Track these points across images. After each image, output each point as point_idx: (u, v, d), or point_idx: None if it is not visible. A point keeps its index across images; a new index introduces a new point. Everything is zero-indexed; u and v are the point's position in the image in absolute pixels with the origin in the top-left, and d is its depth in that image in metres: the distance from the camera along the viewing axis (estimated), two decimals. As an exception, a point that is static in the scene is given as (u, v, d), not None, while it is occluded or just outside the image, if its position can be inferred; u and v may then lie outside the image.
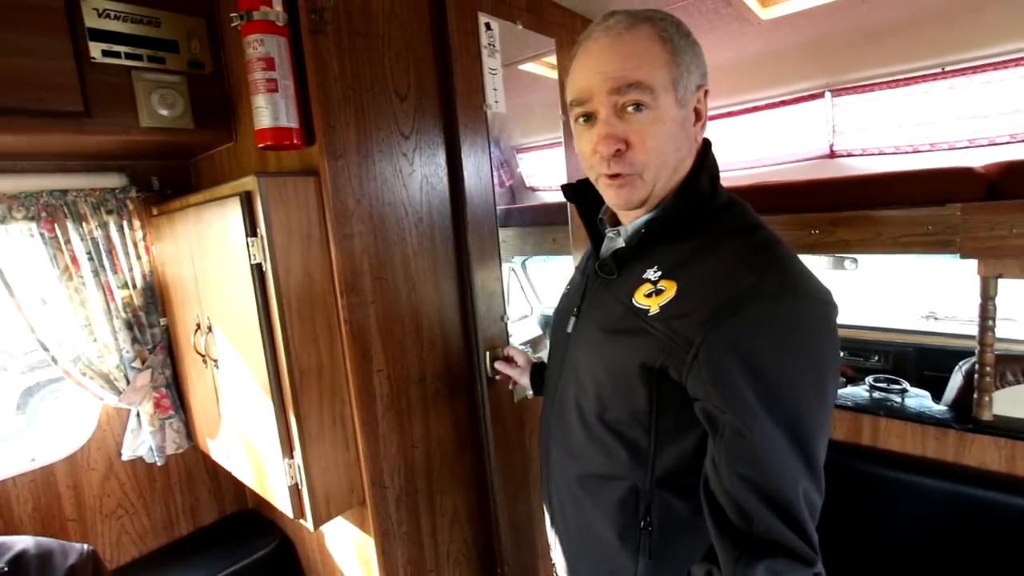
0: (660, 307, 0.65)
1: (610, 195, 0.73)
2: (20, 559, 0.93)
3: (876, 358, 2.79)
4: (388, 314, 1.18)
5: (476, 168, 1.35)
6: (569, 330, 0.81)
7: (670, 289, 0.66)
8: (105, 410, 1.46)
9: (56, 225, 1.31)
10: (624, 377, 0.69)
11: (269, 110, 0.99)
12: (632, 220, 0.76)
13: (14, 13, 0.98)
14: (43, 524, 1.37)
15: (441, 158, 1.30)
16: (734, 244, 0.65)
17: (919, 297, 3.24)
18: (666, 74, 0.65)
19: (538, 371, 1.21)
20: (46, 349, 1.31)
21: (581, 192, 0.83)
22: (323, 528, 1.39)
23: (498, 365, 1.33)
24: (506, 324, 1.46)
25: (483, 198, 1.37)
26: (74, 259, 1.34)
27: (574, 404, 0.78)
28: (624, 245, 0.75)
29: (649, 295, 0.67)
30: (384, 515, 1.20)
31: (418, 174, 1.25)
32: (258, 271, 1.01)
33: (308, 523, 1.08)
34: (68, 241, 1.33)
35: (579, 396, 0.77)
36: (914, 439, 1.61)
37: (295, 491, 1.08)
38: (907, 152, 2.96)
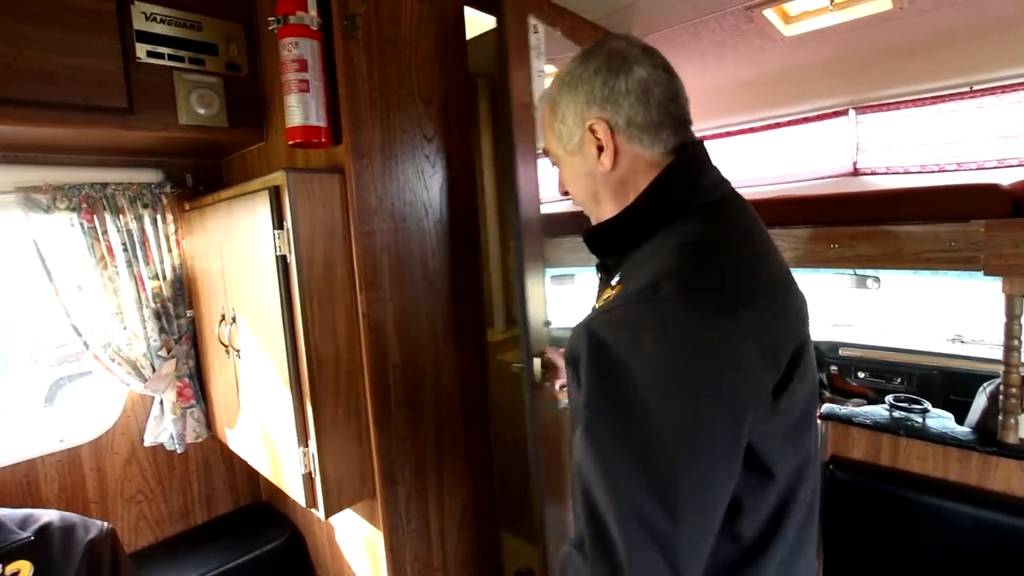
0: (602, 303, 0.68)
1: None
2: (45, 530, 0.98)
3: (899, 380, 2.73)
4: (405, 311, 1.21)
5: (526, 173, 1.29)
6: None
7: (617, 291, 0.66)
8: (131, 396, 1.51)
9: (95, 216, 1.38)
10: (573, 375, 0.67)
11: (300, 109, 1.03)
12: None
13: (69, 15, 1.05)
14: (67, 503, 1.42)
15: (461, 160, 1.33)
16: (663, 249, 0.65)
17: (945, 319, 3.16)
18: (551, 136, 0.75)
19: None
20: (79, 334, 1.37)
21: None
22: (333, 522, 1.41)
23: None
24: (549, 330, 1.42)
25: (532, 203, 1.32)
26: (110, 249, 1.40)
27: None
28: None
29: (604, 298, 0.68)
30: (394, 510, 1.21)
31: (439, 176, 1.29)
32: (282, 263, 1.05)
33: (320, 512, 1.11)
34: (105, 232, 1.40)
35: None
36: (936, 461, 1.56)
37: (308, 480, 1.11)
38: (933, 171, 2.92)
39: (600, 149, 0.70)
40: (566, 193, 0.79)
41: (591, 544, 0.57)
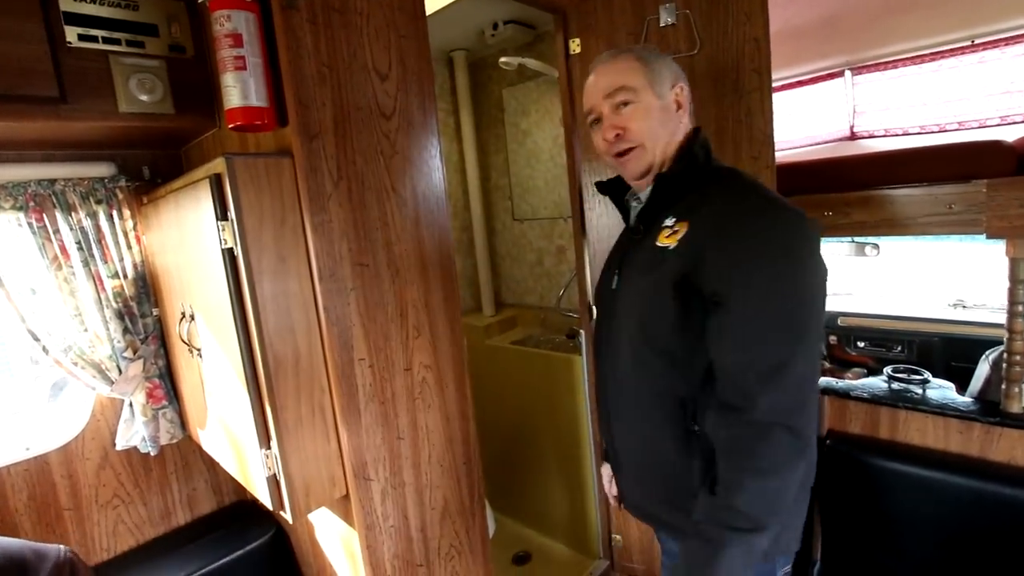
0: (678, 240, 0.86)
1: (624, 170, 0.98)
2: None
3: (899, 348, 2.66)
4: (370, 301, 1.14)
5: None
6: (614, 287, 1.00)
7: (683, 228, 0.86)
8: (99, 400, 1.46)
9: (45, 215, 1.30)
10: (659, 297, 0.86)
11: (238, 89, 0.95)
12: (645, 187, 0.98)
13: (-18, -4, 0.96)
14: (38, 513, 1.38)
15: (426, 139, 1.26)
16: (728, 191, 0.87)
17: (946, 285, 3.08)
18: (642, 77, 0.92)
19: None
20: (36, 339, 1.31)
21: (610, 188, 1.10)
22: (313, 520, 1.37)
23: None
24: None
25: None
26: (63, 249, 1.33)
27: (626, 343, 0.95)
28: (644, 205, 0.97)
29: (668, 236, 0.88)
30: (368, 508, 1.17)
31: (401, 156, 1.21)
32: (229, 256, 0.98)
33: (287, 515, 1.06)
34: (57, 231, 1.33)
35: (628, 334, 0.94)
36: (936, 433, 1.51)
37: (273, 482, 1.06)
38: (933, 132, 2.81)
39: (678, 106, 0.94)
40: (616, 136, 0.94)
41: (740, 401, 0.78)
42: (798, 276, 0.78)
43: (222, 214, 0.97)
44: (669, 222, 0.90)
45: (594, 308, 1.16)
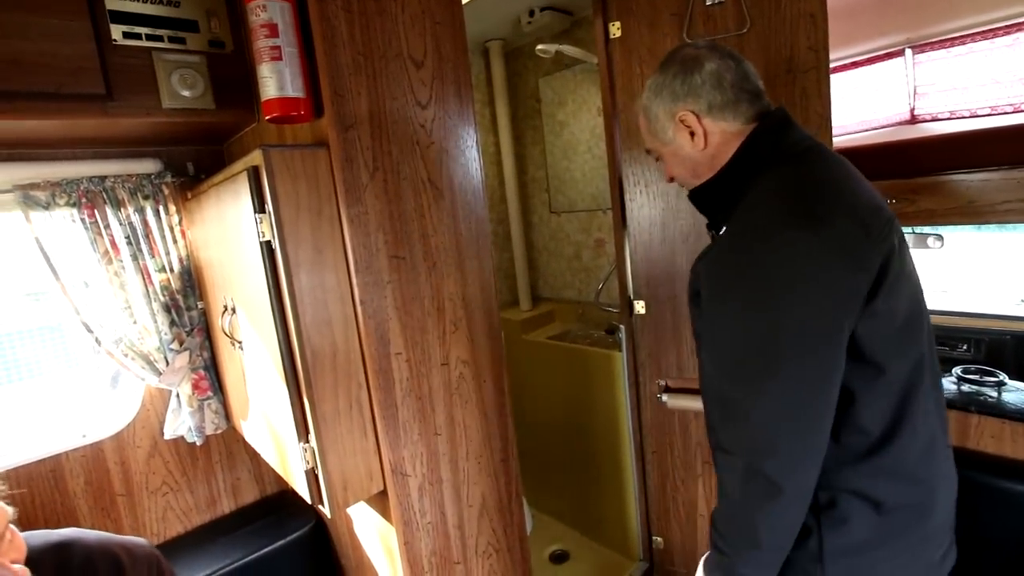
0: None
1: None
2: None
3: (964, 347, 2.47)
4: (406, 294, 1.13)
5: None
6: None
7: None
8: (148, 391, 1.51)
9: (96, 211, 1.35)
10: (692, 306, 0.89)
11: (274, 79, 0.95)
12: None
13: (35, -3, 0.98)
14: (95, 497, 1.44)
15: (463, 128, 1.23)
16: (759, 194, 0.78)
17: (1017, 279, 2.85)
18: (650, 136, 0.93)
19: None
20: (90, 331, 1.36)
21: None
22: (351, 513, 1.37)
23: None
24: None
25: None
26: (113, 243, 1.38)
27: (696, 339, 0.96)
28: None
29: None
30: (406, 504, 1.16)
31: (437, 146, 1.18)
32: (267, 248, 0.98)
33: (325, 508, 1.06)
34: (107, 226, 1.37)
35: (694, 333, 0.95)
36: (1015, 441, 1.38)
37: (312, 476, 1.06)
38: (1007, 112, 2.59)
39: (692, 134, 0.86)
40: (672, 179, 0.96)
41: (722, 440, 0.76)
42: (770, 311, 0.69)
43: (260, 207, 0.97)
44: (723, 230, 0.87)
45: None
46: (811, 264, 0.68)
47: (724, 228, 0.85)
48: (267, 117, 0.98)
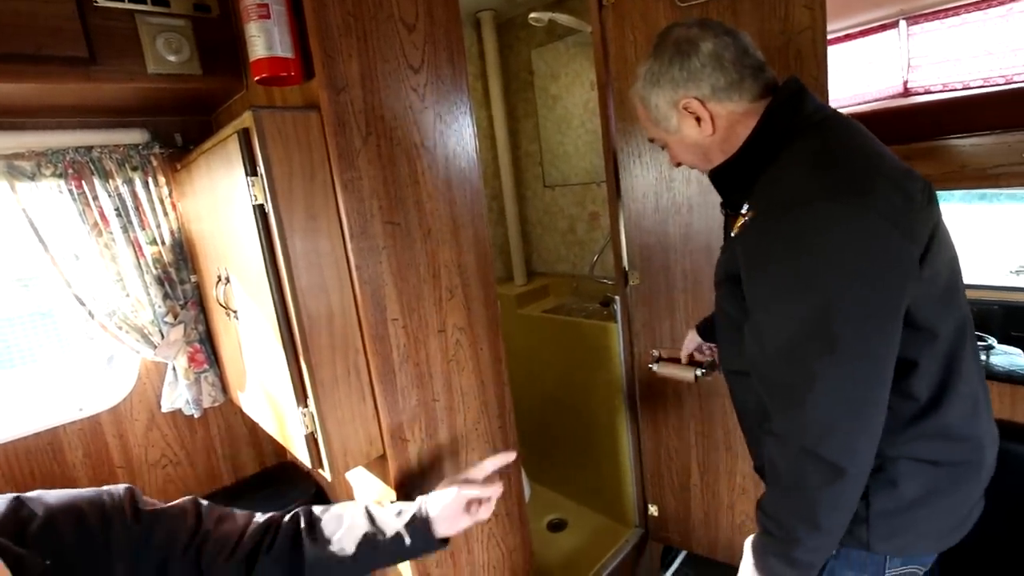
0: (738, 230, 0.81)
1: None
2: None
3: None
4: (401, 261, 1.12)
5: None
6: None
7: (749, 216, 0.79)
8: (144, 364, 1.51)
9: (83, 182, 1.32)
10: (724, 287, 0.86)
11: (262, 38, 0.93)
12: None
13: (10, -46, 0.95)
14: (94, 469, 1.44)
15: (456, 94, 1.21)
16: (794, 167, 0.75)
17: (1006, 250, 2.88)
18: (651, 125, 0.91)
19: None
20: (82, 304, 1.35)
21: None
22: (351, 480, 1.39)
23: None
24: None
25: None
26: (103, 215, 1.36)
27: (720, 318, 0.96)
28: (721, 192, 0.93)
29: (739, 225, 0.81)
30: (405, 468, 1.17)
31: (431, 112, 1.17)
32: (260, 213, 0.97)
33: (325, 473, 1.07)
34: (96, 197, 1.35)
35: (718, 311, 0.95)
36: (1002, 402, 1.41)
37: (311, 440, 1.06)
38: (998, 85, 2.59)
39: (698, 120, 0.83)
40: (679, 163, 0.95)
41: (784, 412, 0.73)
42: (826, 290, 0.66)
43: (251, 169, 0.95)
44: (744, 209, 0.82)
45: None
46: (865, 239, 0.65)
47: (748, 206, 0.80)
48: (256, 78, 0.96)
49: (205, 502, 0.95)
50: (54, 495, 0.81)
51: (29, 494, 0.80)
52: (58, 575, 0.74)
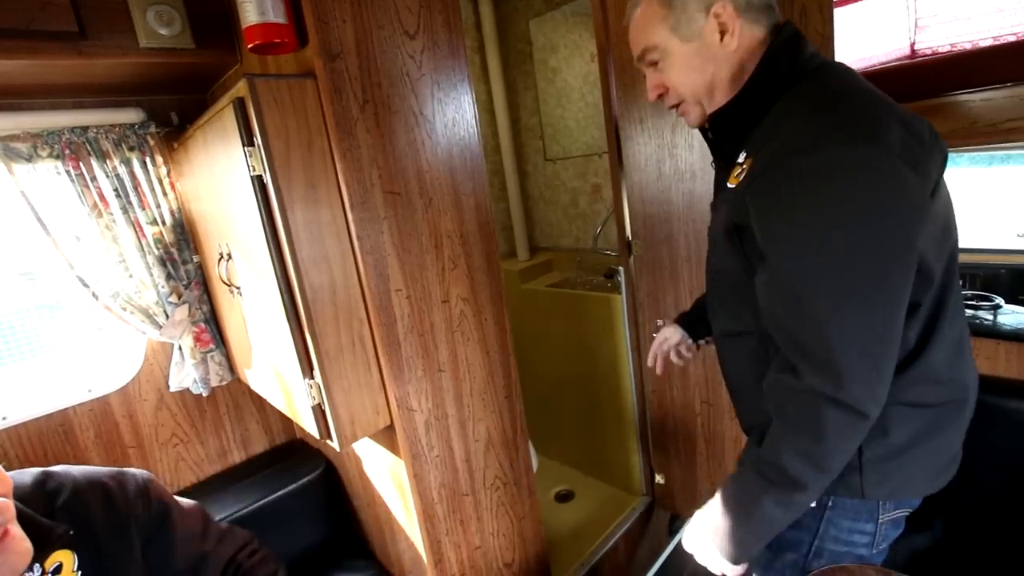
0: (738, 181, 0.76)
1: (685, 121, 0.89)
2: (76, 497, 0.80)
3: (960, 282, 2.49)
4: (403, 231, 1.12)
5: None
6: (709, 224, 0.93)
7: (748, 165, 0.75)
8: (150, 344, 1.52)
9: (81, 163, 1.31)
10: (722, 243, 0.81)
11: (254, 4, 0.91)
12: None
13: (-6, -75, 0.93)
14: (106, 450, 1.46)
15: (453, 60, 1.19)
16: (796, 116, 0.71)
17: (1013, 213, 2.84)
18: (663, 28, 0.78)
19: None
20: (86, 285, 1.35)
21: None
22: (360, 454, 1.40)
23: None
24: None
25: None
26: (102, 196, 1.35)
27: (712, 280, 0.94)
28: (712, 143, 0.88)
29: (736, 175, 0.78)
30: (413, 438, 1.18)
31: (428, 79, 1.15)
32: (259, 183, 0.96)
33: (334, 443, 1.08)
34: (94, 178, 1.34)
35: (711, 272, 0.93)
36: (1008, 361, 1.41)
37: (319, 411, 1.07)
38: (1009, 42, 2.52)
39: (723, 33, 0.76)
40: (659, 96, 0.86)
41: (807, 359, 0.69)
42: (849, 232, 0.64)
43: (248, 140, 0.94)
44: (741, 158, 0.78)
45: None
46: (881, 178, 0.63)
47: (744, 155, 0.77)
48: (249, 46, 0.94)
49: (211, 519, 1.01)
50: (79, 470, 0.85)
51: (55, 468, 0.84)
52: (83, 545, 0.77)
